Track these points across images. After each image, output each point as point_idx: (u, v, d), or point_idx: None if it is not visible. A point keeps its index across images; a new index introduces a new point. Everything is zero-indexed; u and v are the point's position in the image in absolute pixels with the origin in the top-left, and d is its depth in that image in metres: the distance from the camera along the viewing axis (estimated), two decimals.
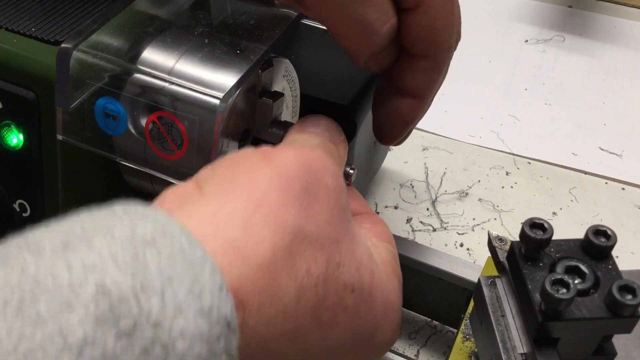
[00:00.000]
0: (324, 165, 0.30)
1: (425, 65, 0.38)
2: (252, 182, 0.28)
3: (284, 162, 0.29)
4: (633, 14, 0.90)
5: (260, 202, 0.27)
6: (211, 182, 0.29)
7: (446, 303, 0.52)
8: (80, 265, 0.22)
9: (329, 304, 0.28)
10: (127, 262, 0.22)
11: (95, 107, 0.37)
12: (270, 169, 0.29)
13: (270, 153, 0.30)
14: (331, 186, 0.30)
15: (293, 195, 0.28)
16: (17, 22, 0.40)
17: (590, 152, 0.71)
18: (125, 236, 0.23)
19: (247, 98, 0.39)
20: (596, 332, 0.35)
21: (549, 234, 0.35)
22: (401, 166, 0.69)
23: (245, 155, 0.30)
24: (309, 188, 0.29)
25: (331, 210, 0.29)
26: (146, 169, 0.38)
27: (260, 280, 0.26)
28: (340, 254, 0.29)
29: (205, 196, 0.28)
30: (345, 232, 0.30)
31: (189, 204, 0.28)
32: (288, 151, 0.30)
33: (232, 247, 0.26)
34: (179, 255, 0.24)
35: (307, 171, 0.29)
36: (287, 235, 0.27)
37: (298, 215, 0.28)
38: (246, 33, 0.39)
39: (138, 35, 0.38)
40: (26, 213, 0.42)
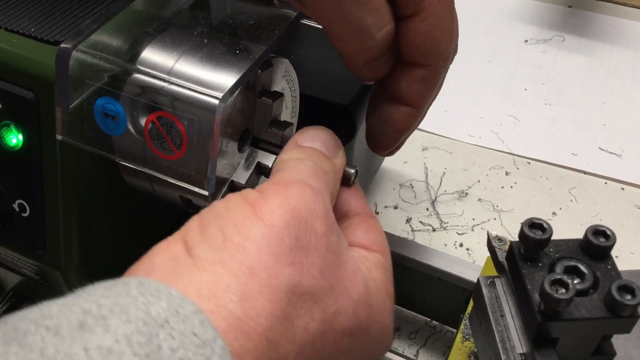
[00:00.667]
0: (310, 209, 0.30)
1: (422, 74, 0.37)
2: (243, 246, 0.28)
3: (271, 217, 0.29)
4: (633, 14, 0.90)
5: (254, 268, 0.27)
6: (202, 247, 0.28)
7: (446, 303, 0.52)
8: (96, 349, 0.22)
9: (327, 354, 0.29)
10: (141, 344, 0.23)
11: (94, 107, 0.37)
12: (260, 227, 0.29)
13: (257, 204, 0.30)
14: (320, 231, 0.30)
15: (284, 252, 0.28)
16: (17, 22, 0.40)
17: (590, 152, 0.71)
18: (139, 317, 0.24)
19: (247, 98, 0.39)
20: (595, 332, 0.35)
21: (548, 234, 0.35)
22: (401, 166, 0.69)
23: (232, 209, 0.30)
24: (299, 240, 0.29)
25: (324, 258, 0.30)
26: (145, 169, 0.38)
27: (262, 351, 0.26)
28: (337, 301, 0.30)
29: (198, 264, 0.28)
30: (339, 276, 0.30)
31: (183, 273, 0.28)
32: (275, 199, 0.30)
33: (233, 322, 0.26)
34: (190, 336, 0.24)
35: (295, 222, 0.29)
36: (283, 299, 0.27)
37: (291, 274, 0.28)
38: (246, 33, 0.39)
39: (137, 35, 0.38)
40: (26, 213, 0.42)
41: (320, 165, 0.34)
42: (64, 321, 0.23)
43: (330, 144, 0.36)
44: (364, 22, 0.34)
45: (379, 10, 0.34)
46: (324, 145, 0.36)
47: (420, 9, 0.35)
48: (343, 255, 0.32)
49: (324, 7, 0.34)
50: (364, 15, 0.34)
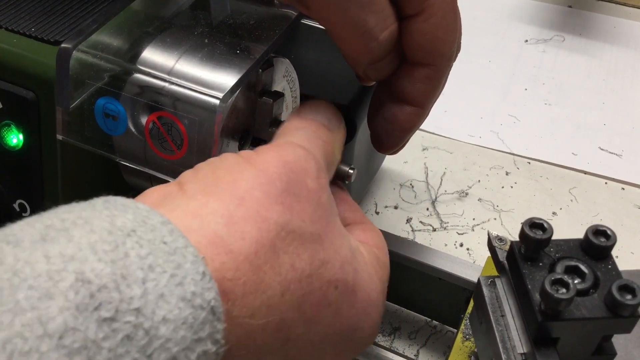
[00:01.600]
0: (304, 167, 0.31)
1: (426, 74, 0.38)
2: (234, 181, 0.28)
3: (265, 163, 0.30)
4: (633, 14, 0.90)
5: (244, 199, 0.28)
6: (194, 182, 0.29)
7: (446, 303, 0.52)
8: (58, 256, 0.22)
9: (313, 300, 0.29)
10: (107, 252, 0.23)
11: (95, 107, 0.37)
12: (253, 169, 0.29)
13: (251, 155, 0.30)
14: (311, 187, 0.30)
15: (275, 193, 0.29)
16: (17, 22, 0.40)
17: (590, 152, 0.71)
18: (104, 227, 0.23)
19: (247, 98, 0.39)
20: (596, 332, 0.35)
21: (548, 234, 0.35)
22: (401, 166, 0.69)
23: (227, 158, 0.31)
24: (290, 187, 0.29)
25: (314, 209, 0.30)
26: (146, 169, 0.38)
27: (243, 272, 0.26)
28: (325, 250, 0.30)
29: (187, 194, 0.28)
30: (328, 231, 0.30)
31: (171, 201, 0.28)
32: (269, 153, 0.31)
33: (216, 240, 0.26)
34: (160, 244, 0.24)
35: (288, 172, 0.30)
36: (271, 231, 0.27)
37: (282, 212, 0.28)
38: (246, 33, 0.39)
39: (138, 35, 0.38)
40: (26, 213, 0.42)
41: (317, 134, 0.34)
42: (26, 235, 0.23)
43: (332, 117, 0.37)
44: (368, 24, 0.34)
45: (382, 11, 0.34)
46: (324, 117, 0.36)
47: (423, 9, 0.35)
48: (332, 216, 0.32)
49: (328, 9, 0.34)
50: (368, 17, 0.34)
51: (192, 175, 0.30)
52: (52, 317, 0.21)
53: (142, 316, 0.22)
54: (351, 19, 0.34)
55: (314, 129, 0.35)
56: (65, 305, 0.21)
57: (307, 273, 0.28)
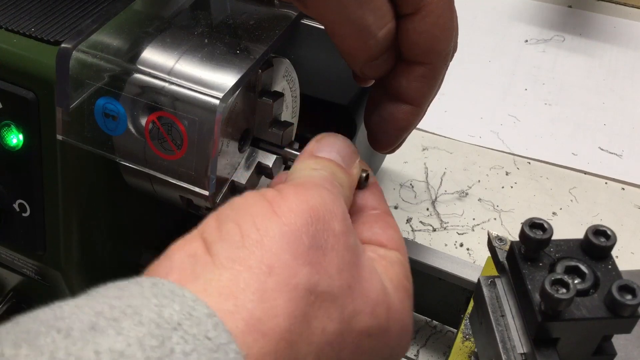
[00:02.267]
0: (329, 209, 0.30)
1: (422, 72, 0.38)
2: (262, 243, 0.28)
3: (291, 213, 0.29)
4: (633, 14, 0.90)
5: (273, 267, 0.27)
6: (220, 244, 0.28)
7: (446, 303, 0.52)
8: (107, 352, 0.22)
9: (347, 355, 0.29)
10: (154, 348, 0.23)
11: (95, 107, 0.37)
12: (278, 224, 0.28)
13: (276, 201, 0.30)
14: (338, 230, 0.30)
15: (303, 251, 0.28)
16: (17, 22, 0.40)
17: (590, 152, 0.71)
18: (152, 319, 0.24)
19: (247, 98, 0.39)
20: (596, 332, 0.35)
21: (548, 234, 0.35)
22: (401, 166, 0.69)
23: (250, 206, 0.30)
24: (317, 239, 0.29)
25: (342, 257, 0.30)
26: (146, 169, 0.38)
27: (281, 352, 0.26)
28: (354, 301, 0.30)
29: (216, 262, 0.28)
30: (357, 276, 0.30)
31: (202, 272, 0.27)
32: (293, 198, 0.30)
33: (252, 322, 0.26)
34: (204, 340, 0.24)
35: (314, 221, 0.29)
36: (301, 298, 0.27)
37: (310, 274, 0.28)
38: (246, 33, 0.39)
39: (138, 35, 0.38)
40: (26, 213, 0.42)
41: (335, 176, 0.34)
42: (76, 322, 0.23)
43: (347, 154, 0.36)
44: (365, 21, 0.34)
45: (380, 9, 0.34)
46: (339, 155, 0.35)
47: (420, 7, 0.35)
48: (360, 256, 0.31)
49: (325, 6, 0.34)
50: (365, 15, 0.34)
51: (216, 232, 0.29)
52: None
53: None
54: (349, 16, 0.34)
55: (330, 171, 0.34)
56: None
57: (338, 332, 0.29)
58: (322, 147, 0.36)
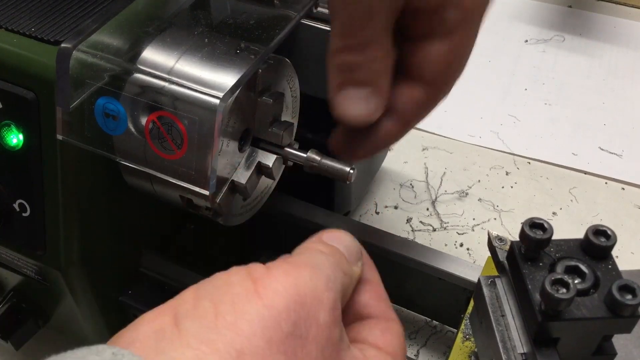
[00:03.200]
0: (317, 297, 0.28)
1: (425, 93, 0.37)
2: (236, 324, 0.26)
3: (275, 295, 0.27)
4: (633, 14, 0.90)
5: (243, 352, 0.25)
6: (192, 321, 0.26)
7: (446, 303, 0.52)
8: None
9: None
10: None
11: (95, 107, 0.37)
12: (258, 306, 0.27)
13: (261, 283, 0.28)
14: (323, 322, 0.28)
15: (280, 338, 0.26)
16: (17, 22, 0.40)
17: (590, 152, 0.71)
18: None
19: (247, 98, 0.39)
20: (596, 332, 0.35)
21: (548, 234, 0.35)
22: (401, 166, 0.69)
23: (233, 284, 0.28)
24: (298, 328, 0.27)
25: (321, 350, 0.28)
26: (146, 168, 0.38)
27: None
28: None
29: (183, 339, 0.26)
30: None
31: (166, 348, 0.26)
32: (280, 282, 0.28)
33: None
34: None
35: (298, 307, 0.27)
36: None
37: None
38: (246, 33, 0.39)
39: (138, 35, 0.38)
40: (26, 213, 0.42)
41: (339, 264, 0.32)
42: None
43: (353, 251, 0.35)
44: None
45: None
46: (346, 250, 0.34)
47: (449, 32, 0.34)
48: (342, 352, 0.30)
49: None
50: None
51: (191, 307, 0.27)
52: None
53: None
54: None
55: (337, 258, 0.33)
56: None
57: None
58: (331, 237, 0.34)
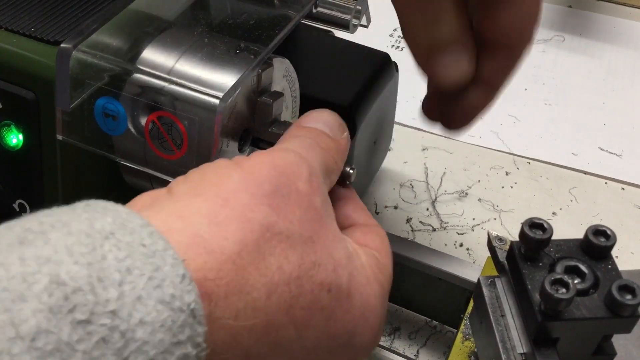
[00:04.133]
0: (296, 170, 0.30)
1: (506, 55, 0.38)
2: (221, 183, 0.28)
3: (254, 166, 0.29)
4: (633, 14, 0.90)
5: (228, 200, 0.28)
6: (181, 185, 0.29)
7: (446, 303, 0.52)
8: (33, 258, 0.22)
9: (303, 303, 0.28)
10: (84, 254, 0.22)
11: (95, 107, 0.37)
12: (240, 172, 0.29)
13: (242, 159, 0.30)
14: (302, 189, 0.30)
15: (262, 194, 0.28)
16: (17, 22, 0.40)
17: (590, 152, 0.71)
18: (82, 230, 0.23)
19: (247, 98, 0.39)
20: (596, 332, 0.35)
21: (548, 234, 0.35)
22: (401, 166, 0.69)
23: (217, 162, 0.31)
24: (279, 190, 0.29)
25: (304, 211, 0.29)
26: (146, 169, 0.38)
27: (226, 272, 0.26)
28: (316, 253, 0.29)
29: (174, 196, 0.28)
30: (321, 233, 0.30)
31: (158, 203, 0.28)
32: (259, 156, 0.30)
33: (198, 240, 0.26)
34: (138, 247, 0.24)
35: (278, 175, 0.29)
36: (255, 231, 0.27)
37: (268, 213, 0.28)
38: (246, 33, 0.39)
39: (138, 35, 0.38)
40: (26, 213, 0.42)
41: (316, 141, 0.34)
42: (4, 238, 0.23)
43: (334, 125, 0.37)
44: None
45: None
46: (326, 126, 0.36)
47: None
48: (326, 218, 0.31)
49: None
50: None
51: (182, 179, 0.30)
52: (24, 319, 0.20)
53: (118, 319, 0.22)
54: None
55: (313, 136, 0.35)
56: (39, 308, 0.21)
57: (296, 275, 0.28)
58: (308, 120, 0.36)
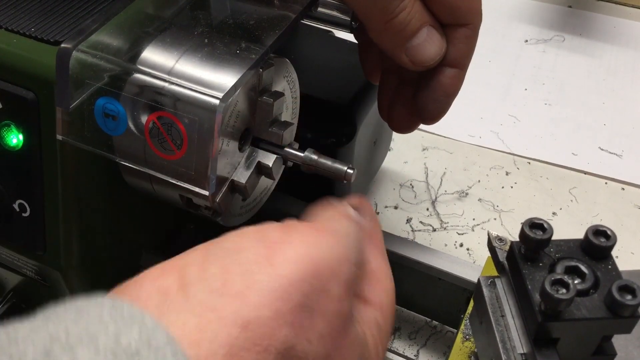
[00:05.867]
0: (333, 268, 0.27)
1: (466, 33, 0.40)
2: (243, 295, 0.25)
3: (287, 267, 0.26)
4: (633, 14, 0.90)
5: (249, 323, 0.25)
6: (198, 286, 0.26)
7: (446, 303, 0.52)
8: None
9: None
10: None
11: (95, 107, 0.37)
12: (268, 275, 0.26)
13: (274, 250, 0.27)
14: (336, 294, 0.27)
15: (287, 310, 0.26)
16: (17, 22, 0.40)
17: (590, 152, 0.71)
18: (109, 347, 0.22)
19: (247, 98, 0.39)
20: (596, 332, 0.35)
21: (548, 234, 0.35)
22: (401, 166, 0.69)
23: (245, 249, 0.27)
24: (308, 299, 0.26)
25: (329, 323, 0.27)
26: (146, 169, 0.38)
27: None
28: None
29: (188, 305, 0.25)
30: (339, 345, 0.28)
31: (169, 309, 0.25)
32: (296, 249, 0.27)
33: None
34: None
35: (312, 278, 0.27)
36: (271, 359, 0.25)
37: (287, 336, 0.25)
38: (246, 33, 0.39)
39: (138, 35, 0.38)
40: (26, 213, 0.42)
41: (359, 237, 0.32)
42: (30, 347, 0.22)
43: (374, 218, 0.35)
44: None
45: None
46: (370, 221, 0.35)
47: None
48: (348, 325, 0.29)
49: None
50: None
51: (198, 273, 0.26)
52: None
53: None
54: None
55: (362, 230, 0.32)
56: None
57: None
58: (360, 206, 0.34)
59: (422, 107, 0.42)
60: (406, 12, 0.37)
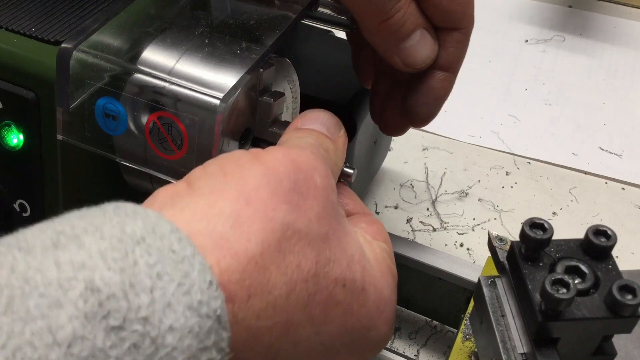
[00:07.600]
0: (312, 165, 0.31)
1: (458, 38, 0.40)
2: (242, 179, 0.29)
3: (274, 161, 0.30)
4: (633, 14, 0.90)
5: (250, 199, 0.28)
6: (202, 180, 0.29)
7: (446, 303, 0.52)
8: (69, 263, 0.22)
9: (320, 299, 0.29)
10: (116, 260, 0.23)
11: (95, 107, 0.37)
12: (261, 167, 0.29)
13: (260, 153, 0.30)
14: (320, 184, 0.30)
15: (283, 192, 0.29)
16: (17, 22, 0.40)
17: (590, 152, 0.71)
18: (114, 235, 0.24)
19: (248, 98, 0.39)
20: (596, 332, 0.35)
21: (549, 234, 0.35)
22: (401, 166, 0.69)
23: (235, 155, 0.31)
24: (298, 186, 0.29)
25: (321, 207, 0.30)
26: (146, 169, 0.38)
27: (249, 274, 0.26)
28: (330, 249, 0.30)
29: (195, 193, 0.28)
30: (335, 229, 0.30)
31: (180, 201, 0.28)
32: (277, 152, 0.31)
33: (222, 242, 0.26)
34: (168, 252, 0.24)
35: (296, 170, 0.30)
36: (277, 231, 0.27)
37: (288, 212, 0.28)
38: (246, 33, 0.39)
39: (138, 35, 0.38)
40: (26, 213, 0.42)
41: (320, 143, 0.35)
42: (37, 241, 0.23)
43: (331, 124, 0.37)
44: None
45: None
46: (324, 126, 0.37)
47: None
48: (339, 214, 0.32)
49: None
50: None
51: (201, 172, 0.30)
52: (61, 325, 0.21)
53: (149, 325, 0.22)
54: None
55: (315, 138, 0.35)
56: (75, 314, 0.21)
57: (313, 272, 0.28)
58: (306, 121, 0.37)
59: (412, 110, 0.43)
60: (401, 13, 0.37)
